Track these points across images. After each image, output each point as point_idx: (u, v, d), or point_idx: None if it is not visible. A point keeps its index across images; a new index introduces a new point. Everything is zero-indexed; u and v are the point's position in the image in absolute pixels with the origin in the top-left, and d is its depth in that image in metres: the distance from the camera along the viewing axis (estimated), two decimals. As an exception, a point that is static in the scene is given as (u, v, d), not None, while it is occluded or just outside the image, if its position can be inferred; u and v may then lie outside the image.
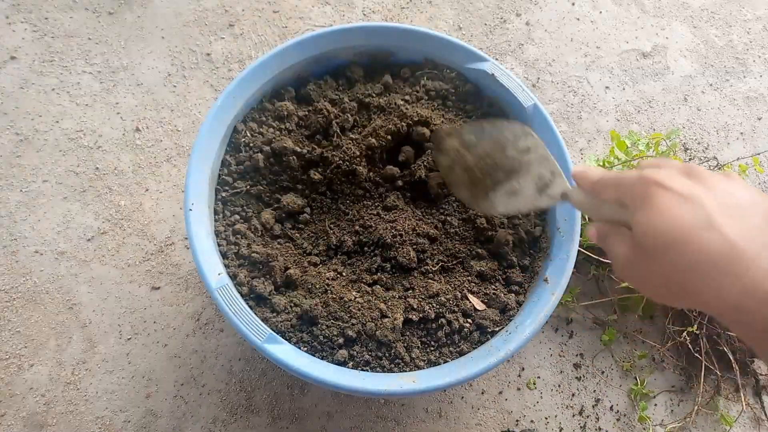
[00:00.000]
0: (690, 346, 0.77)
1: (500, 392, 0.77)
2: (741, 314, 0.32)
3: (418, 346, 0.60)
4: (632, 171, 0.37)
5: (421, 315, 0.61)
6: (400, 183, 0.68)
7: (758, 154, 0.89)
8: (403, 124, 0.67)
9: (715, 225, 0.31)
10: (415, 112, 0.68)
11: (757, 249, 0.31)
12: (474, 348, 0.60)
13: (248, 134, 0.69)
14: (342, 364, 0.58)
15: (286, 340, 0.57)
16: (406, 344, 0.60)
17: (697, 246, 0.32)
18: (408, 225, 0.65)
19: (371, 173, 0.67)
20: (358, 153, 0.66)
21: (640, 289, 0.39)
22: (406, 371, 0.59)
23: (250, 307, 0.58)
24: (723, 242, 0.31)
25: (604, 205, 0.40)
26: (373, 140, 0.66)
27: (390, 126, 0.67)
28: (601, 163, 0.84)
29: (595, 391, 0.79)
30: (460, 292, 0.63)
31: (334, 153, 0.66)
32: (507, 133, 0.53)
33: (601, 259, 0.79)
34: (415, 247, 0.64)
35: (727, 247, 0.31)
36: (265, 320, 0.58)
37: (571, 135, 0.97)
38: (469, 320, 0.62)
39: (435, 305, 0.62)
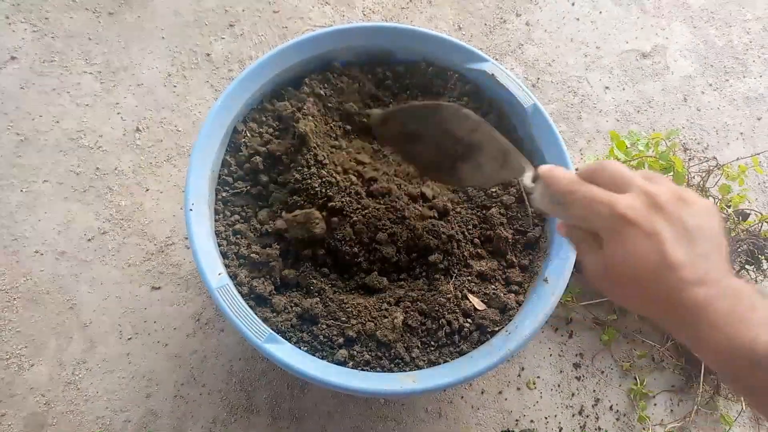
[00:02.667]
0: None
1: (500, 392, 0.77)
2: (682, 330, 0.37)
3: (418, 346, 0.60)
4: (602, 195, 0.39)
5: (421, 315, 0.61)
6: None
7: (758, 154, 0.89)
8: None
9: (670, 265, 0.36)
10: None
11: (701, 276, 0.35)
12: (474, 348, 0.60)
13: (248, 134, 0.69)
14: (342, 363, 0.58)
15: (286, 339, 0.57)
16: (406, 344, 0.60)
17: (655, 282, 0.37)
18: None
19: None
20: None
21: (608, 297, 0.44)
22: (406, 371, 0.59)
23: (251, 307, 0.58)
24: (676, 279, 0.36)
25: (566, 215, 0.42)
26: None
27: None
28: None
29: (594, 390, 0.79)
30: (460, 291, 0.63)
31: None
32: (446, 117, 0.54)
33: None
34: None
35: (679, 282, 0.36)
36: (265, 320, 0.58)
37: (571, 135, 0.97)
38: (469, 320, 0.62)
39: (435, 305, 0.62)
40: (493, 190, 0.70)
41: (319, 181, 0.63)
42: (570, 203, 0.40)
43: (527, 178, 0.47)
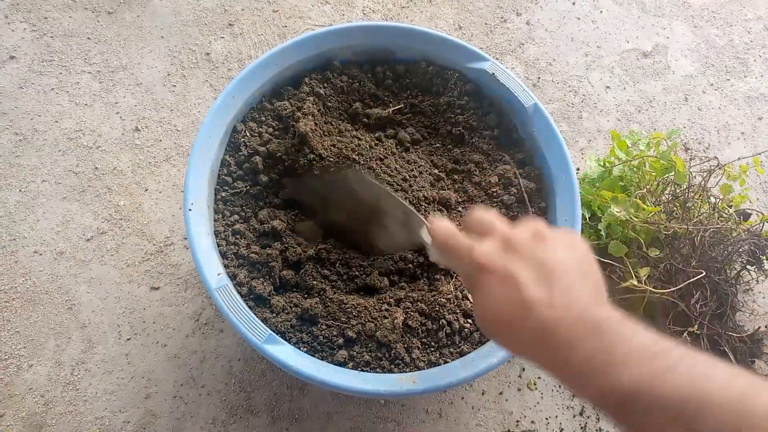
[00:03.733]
0: (691, 346, 0.77)
1: (501, 393, 0.77)
2: (555, 368, 0.36)
3: (419, 347, 0.60)
4: (464, 243, 0.40)
5: (421, 315, 0.61)
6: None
7: (759, 153, 0.89)
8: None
9: (528, 304, 0.35)
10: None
11: (562, 312, 0.35)
12: (474, 348, 0.60)
13: (248, 134, 0.68)
14: (342, 364, 0.58)
15: (285, 340, 0.57)
16: (406, 345, 0.60)
17: (518, 326, 0.36)
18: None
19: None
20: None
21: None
22: (406, 372, 0.58)
23: (250, 307, 0.58)
24: (537, 318, 0.35)
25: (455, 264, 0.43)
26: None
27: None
28: (602, 163, 0.83)
29: (595, 391, 0.79)
30: (460, 292, 0.63)
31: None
32: (352, 180, 0.56)
33: (602, 259, 0.78)
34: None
35: (541, 321, 0.35)
36: (264, 320, 0.58)
37: (572, 135, 0.97)
38: (470, 321, 0.61)
39: (435, 305, 0.61)
40: (494, 190, 0.70)
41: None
42: (446, 254, 0.42)
43: (425, 234, 0.48)
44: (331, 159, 0.65)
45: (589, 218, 0.81)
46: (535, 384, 0.78)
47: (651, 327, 0.36)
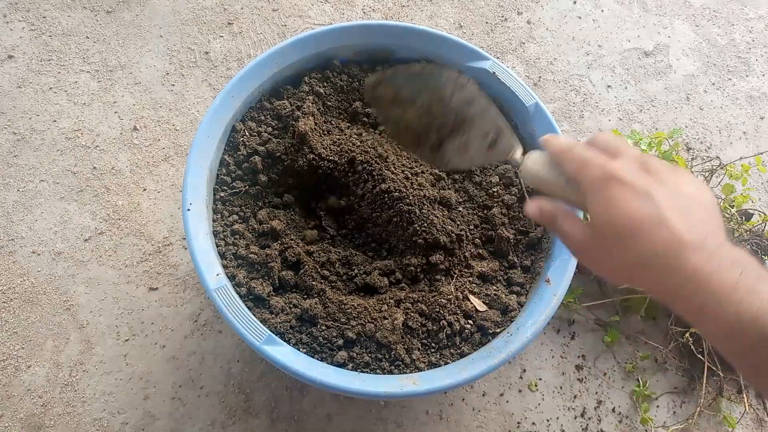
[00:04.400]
0: (692, 347, 0.76)
1: (501, 394, 0.77)
2: (680, 299, 0.35)
3: (419, 348, 0.60)
4: (595, 160, 0.38)
5: (421, 316, 0.61)
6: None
7: (761, 153, 0.88)
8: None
9: (664, 220, 0.34)
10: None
11: (699, 240, 0.33)
12: (475, 349, 0.60)
13: (247, 134, 0.68)
14: (342, 365, 0.57)
15: (285, 341, 0.57)
16: (406, 346, 0.59)
17: (647, 238, 0.34)
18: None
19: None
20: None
21: (594, 269, 0.42)
22: (406, 373, 0.58)
23: (249, 308, 0.58)
24: (670, 236, 0.34)
25: (558, 178, 0.41)
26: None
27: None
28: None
29: (597, 392, 0.78)
30: (461, 293, 0.62)
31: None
32: (445, 83, 0.51)
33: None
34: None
35: (674, 241, 0.34)
36: (263, 321, 0.58)
37: (573, 134, 0.96)
38: (470, 321, 0.61)
39: (436, 306, 0.61)
40: (495, 189, 0.69)
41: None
42: (564, 161, 0.40)
43: (517, 154, 0.46)
44: (332, 158, 0.65)
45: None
46: (536, 385, 0.77)
47: (653, 327, 0.35)
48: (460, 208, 0.67)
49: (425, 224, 0.62)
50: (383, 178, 0.63)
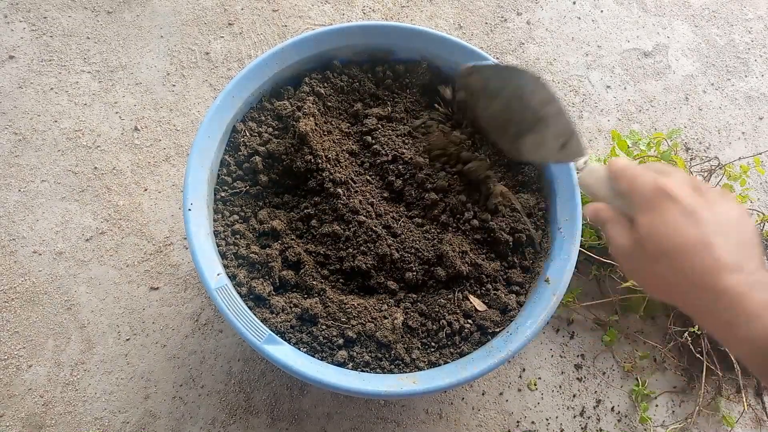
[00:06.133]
0: (691, 346, 0.76)
1: (501, 393, 0.77)
2: (711, 315, 0.37)
3: (419, 347, 0.60)
4: (648, 174, 0.41)
5: (421, 316, 0.61)
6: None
7: (759, 153, 0.89)
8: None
9: (708, 245, 0.36)
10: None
11: (738, 263, 0.36)
12: (475, 349, 0.60)
13: (247, 134, 0.68)
14: (342, 365, 0.58)
15: (285, 340, 0.57)
16: (406, 345, 0.60)
17: (690, 259, 0.37)
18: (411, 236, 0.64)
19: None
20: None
21: (633, 279, 0.45)
22: (406, 372, 0.58)
23: (250, 307, 0.58)
24: (712, 260, 0.36)
25: (608, 192, 0.45)
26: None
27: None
28: (603, 163, 0.83)
29: (596, 392, 0.78)
30: (461, 292, 0.62)
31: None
32: (525, 83, 0.55)
33: (602, 259, 0.78)
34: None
35: (715, 264, 0.36)
36: (264, 321, 0.58)
37: (572, 134, 0.96)
38: (470, 321, 0.61)
39: (435, 306, 0.61)
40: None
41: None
42: (619, 177, 0.43)
43: (582, 160, 0.50)
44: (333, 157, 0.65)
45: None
46: (535, 384, 0.78)
47: (652, 327, 0.36)
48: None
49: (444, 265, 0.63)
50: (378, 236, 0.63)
